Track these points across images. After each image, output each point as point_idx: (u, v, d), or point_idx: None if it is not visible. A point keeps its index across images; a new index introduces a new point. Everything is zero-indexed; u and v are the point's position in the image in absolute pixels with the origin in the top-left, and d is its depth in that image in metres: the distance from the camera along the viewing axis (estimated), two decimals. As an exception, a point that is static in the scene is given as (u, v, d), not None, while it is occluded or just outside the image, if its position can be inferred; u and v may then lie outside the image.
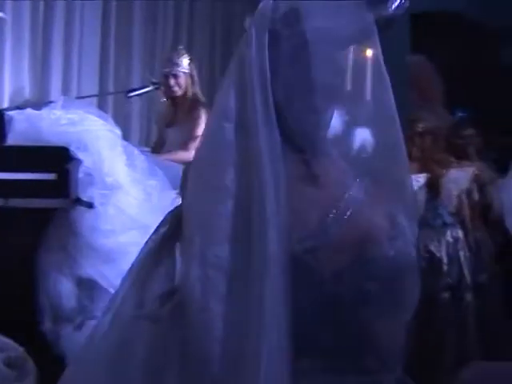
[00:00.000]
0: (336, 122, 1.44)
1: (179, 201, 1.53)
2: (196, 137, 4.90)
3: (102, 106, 5.81)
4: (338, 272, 1.36)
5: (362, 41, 1.46)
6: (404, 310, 1.44)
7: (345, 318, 1.36)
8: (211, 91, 6.12)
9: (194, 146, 4.92)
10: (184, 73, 5.01)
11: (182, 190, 1.56)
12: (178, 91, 5.02)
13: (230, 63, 1.51)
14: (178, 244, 1.51)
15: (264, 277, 1.27)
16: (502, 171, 4.95)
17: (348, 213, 1.38)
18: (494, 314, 4.52)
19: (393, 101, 1.45)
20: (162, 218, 1.61)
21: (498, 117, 7.48)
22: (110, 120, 4.06)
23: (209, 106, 5.13)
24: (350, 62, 1.44)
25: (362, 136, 1.46)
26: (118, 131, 3.95)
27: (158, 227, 1.58)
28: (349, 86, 1.45)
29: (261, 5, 1.47)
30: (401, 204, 1.45)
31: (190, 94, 5.04)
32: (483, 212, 4.92)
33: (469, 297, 4.49)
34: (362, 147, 1.45)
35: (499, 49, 9.80)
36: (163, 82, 5.01)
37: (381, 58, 1.44)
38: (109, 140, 3.76)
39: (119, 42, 6.42)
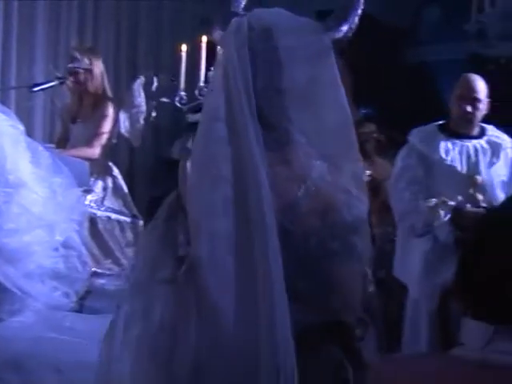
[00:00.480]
0: (303, 117, 1.80)
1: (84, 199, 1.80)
2: (102, 133, 4.84)
3: (4, 102, 5.65)
4: (308, 233, 1.74)
5: (321, 55, 1.83)
6: (360, 261, 1.84)
7: (314, 268, 1.74)
8: (117, 88, 6.07)
9: (99, 143, 4.86)
10: (88, 69, 4.93)
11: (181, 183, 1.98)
12: (83, 86, 4.95)
13: (213, 70, 2.06)
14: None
15: (265, 239, 1.65)
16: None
17: (313, 188, 1.76)
18: (393, 309, 4.64)
19: (346, 102, 1.84)
20: (67, 216, 2.06)
21: (401, 114, 7.68)
22: (13, 115, 3.95)
23: (116, 102, 5.09)
24: (312, 72, 1.81)
25: (323, 127, 1.85)
26: (22, 127, 3.85)
27: (158, 213, 1.96)
28: (312, 91, 1.82)
29: (236, 23, 1.79)
30: (353, 180, 1.83)
31: (94, 89, 4.97)
32: (382, 208, 5.04)
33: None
34: (323, 136, 1.84)
35: (404, 48, 10.07)
36: (68, 78, 4.93)
37: (336, 68, 1.82)
38: (11, 136, 3.66)
39: (22, 39, 6.27)
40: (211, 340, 1.68)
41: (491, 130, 3.72)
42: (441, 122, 3.76)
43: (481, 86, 3.62)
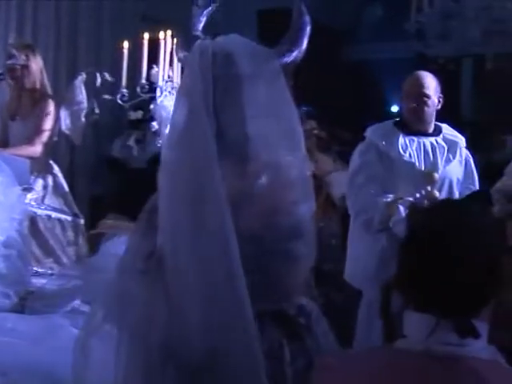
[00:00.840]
0: (258, 129, 2.04)
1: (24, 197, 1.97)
2: (43, 131, 4.77)
3: None
4: (255, 234, 1.95)
5: (273, 77, 2.09)
6: (303, 257, 2.05)
7: (261, 264, 1.94)
8: (57, 86, 5.99)
9: (40, 141, 4.79)
10: (24, 65, 4.85)
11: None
12: (20, 83, 4.87)
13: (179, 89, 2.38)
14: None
15: (225, 233, 1.88)
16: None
17: (258, 193, 2.01)
18: (338, 303, 4.67)
19: (296, 114, 2.13)
20: (8, 215, 2.23)
21: (342, 111, 7.76)
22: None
23: (56, 99, 5.02)
24: (266, 91, 2.08)
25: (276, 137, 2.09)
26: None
27: (145, 207, 2.12)
28: (266, 107, 2.07)
29: (200, 46, 2.06)
30: (299, 186, 2.06)
31: (31, 85, 4.89)
32: (325, 203, 5.09)
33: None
34: (275, 145, 2.09)
35: (345, 47, 10.18)
36: (6, 74, 4.85)
37: (286, 86, 2.10)
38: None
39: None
40: (179, 324, 1.94)
41: (446, 128, 3.74)
42: (397, 120, 3.76)
43: (429, 82, 3.61)
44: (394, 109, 7.86)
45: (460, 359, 1.37)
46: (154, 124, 3.22)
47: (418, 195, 3.48)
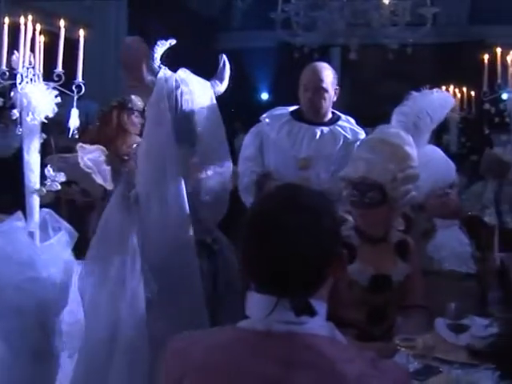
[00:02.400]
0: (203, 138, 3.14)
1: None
2: None
3: None
4: (192, 191, 3.13)
5: (211, 101, 3.20)
6: (219, 208, 3.24)
7: (195, 209, 3.11)
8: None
9: None
10: None
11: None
12: None
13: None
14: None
15: (178, 189, 3.05)
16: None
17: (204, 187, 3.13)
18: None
19: (222, 122, 3.21)
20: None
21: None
22: None
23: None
24: (207, 111, 3.16)
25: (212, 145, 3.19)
26: None
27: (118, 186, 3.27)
28: (205, 122, 3.14)
29: (164, 75, 3.15)
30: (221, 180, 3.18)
31: None
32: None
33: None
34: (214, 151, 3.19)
35: (214, 35, 10.25)
36: None
37: (215, 103, 3.24)
38: None
39: None
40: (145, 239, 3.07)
41: (344, 119, 3.80)
42: (296, 107, 3.81)
43: (326, 76, 3.68)
44: (264, 96, 8.00)
45: (298, 336, 1.44)
46: (15, 112, 3.14)
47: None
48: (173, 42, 3.38)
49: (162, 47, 3.37)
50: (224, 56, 3.44)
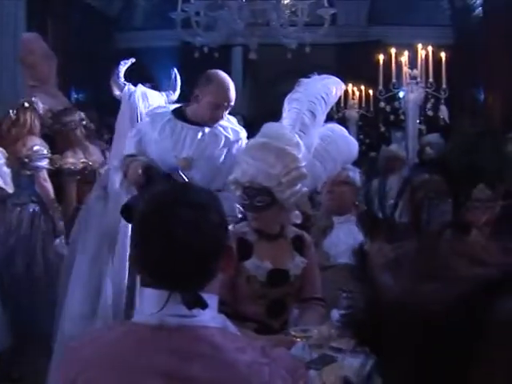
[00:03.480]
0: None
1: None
2: None
3: None
4: None
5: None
6: None
7: None
8: None
9: None
10: None
11: None
12: None
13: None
14: None
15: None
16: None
17: None
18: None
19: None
20: None
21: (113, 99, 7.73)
22: None
23: None
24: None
25: None
26: None
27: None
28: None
29: (128, 91, 3.83)
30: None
31: None
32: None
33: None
34: None
35: (115, 34, 10.16)
36: None
37: None
38: None
39: None
40: None
41: (226, 119, 3.80)
42: (178, 106, 3.78)
43: (233, 92, 3.69)
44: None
45: (190, 328, 1.48)
46: None
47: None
48: (133, 60, 4.20)
49: (125, 66, 4.12)
50: (175, 69, 4.25)
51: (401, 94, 6.99)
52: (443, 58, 6.12)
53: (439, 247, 0.72)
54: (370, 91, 8.83)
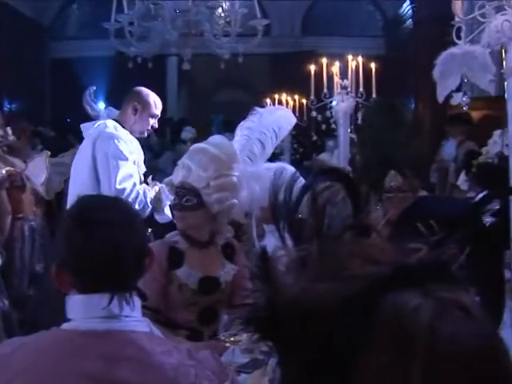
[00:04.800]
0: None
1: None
2: None
3: None
4: None
5: None
6: None
7: None
8: None
9: None
10: None
11: None
12: None
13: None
14: None
15: None
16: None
17: None
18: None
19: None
20: None
21: (44, 109, 7.69)
22: None
23: None
24: None
25: None
26: None
27: None
28: None
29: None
30: None
31: None
32: (35, 201, 5.08)
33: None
34: None
35: (49, 44, 10.06)
36: None
37: None
38: None
39: None
40: None
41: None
42: (114, 119, 3.97)
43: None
44: (101, 106, 7.95)
45: (118, 333, 1.53)
46: None
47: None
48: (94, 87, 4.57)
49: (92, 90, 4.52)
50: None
51: (334, 103, 7.12)
52: (373, 68, 6.26)
53: (338, 249, 0.77)
54: (304, 101, 8.95)
